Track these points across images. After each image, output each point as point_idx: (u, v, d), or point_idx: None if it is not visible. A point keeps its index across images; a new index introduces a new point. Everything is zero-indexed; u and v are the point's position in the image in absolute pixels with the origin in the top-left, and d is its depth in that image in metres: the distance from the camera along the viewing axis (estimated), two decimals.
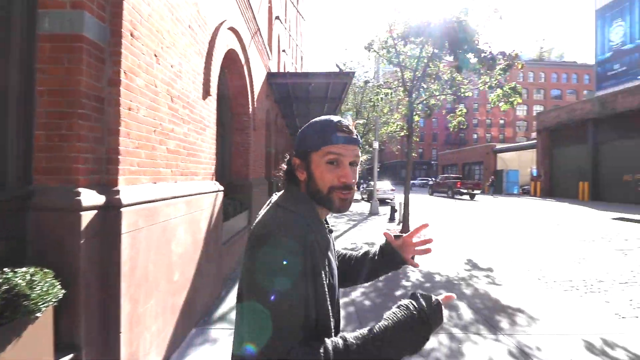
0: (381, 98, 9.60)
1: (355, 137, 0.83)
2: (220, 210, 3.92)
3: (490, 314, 3.59)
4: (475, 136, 61.09)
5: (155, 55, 2.38)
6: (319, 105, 12.06)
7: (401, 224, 9.68)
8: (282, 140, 17.32)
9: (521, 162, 29.04)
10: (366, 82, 10.41)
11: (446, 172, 40.50)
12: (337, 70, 8.05)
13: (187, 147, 3.06)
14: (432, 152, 61.13)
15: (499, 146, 31.10)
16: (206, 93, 3.55)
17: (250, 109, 5.93)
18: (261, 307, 0.67)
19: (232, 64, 5.30)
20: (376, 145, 13.04)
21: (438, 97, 8.66)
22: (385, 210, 14.21)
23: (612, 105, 18.24)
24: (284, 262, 0.69)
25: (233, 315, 2.91)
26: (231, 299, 3.88)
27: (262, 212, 0.86)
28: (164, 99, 2.53)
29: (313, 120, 0.86)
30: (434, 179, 28.47)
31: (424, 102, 8.98)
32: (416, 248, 1.02)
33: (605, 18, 37.61)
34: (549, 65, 60.27)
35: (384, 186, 18.96)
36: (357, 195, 22.21)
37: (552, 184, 23.32)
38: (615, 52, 38.32)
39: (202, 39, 3.40)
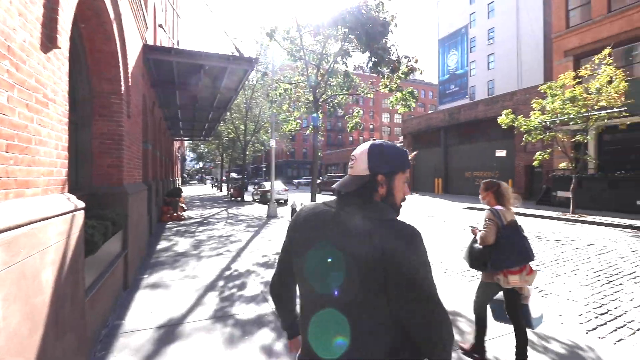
0: (280, 94, 8.86)
1: None
2: (80, 241, 2.40)
3: None
4: (351, 139, 67.50)
5: None
6: (206, 101, 10.34)
7: None
8: (165, 141, 14.54)
9: None
10: (264, 74, 9.45)
11: (330, 171, 43.03)
12: (236, 53, 6.84)
13: (6, 133, 1.59)
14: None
15: None
16: (49, 39, 2.03)
17: (123, 88, 4.23)
18: (433, 293, 0.91)
19: (95, 18, 3.58)
20: (273, 143, 12.23)
21: (341, 97, 8.51)
22: (283, 212, 13.57)
23: (457, 117, 22.63)
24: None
25: None
26: None
27: (348, 221, 0.97)
28: None
29: (388, 144, 1.05)
30: (321, 178, 29.60)
31: (327, 100, 8.71)
32: None
33: (445, 47, 47.04)
34: (404, 81, 71.75)
35: (276, 186, 18.27)
36: (247, 197, 20.83)
37: (415, 180, 27.51)
38: (452, 75, 48.32)
39: None
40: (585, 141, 11.53)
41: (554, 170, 15.73)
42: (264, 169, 66.39)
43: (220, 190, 29.06)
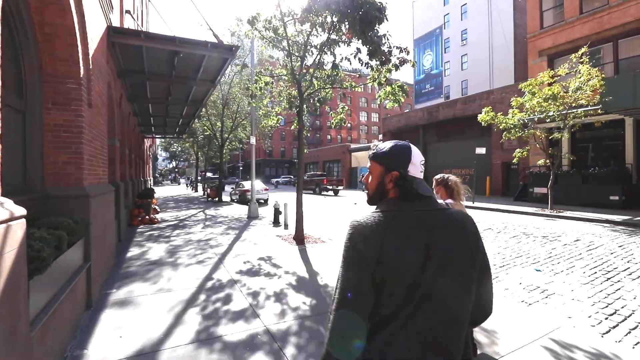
0: (260, 88, 8.31)
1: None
2: (19, 260, 1.83)
3: None
4: (329, 137, 67.35)
5: None
6: (181, 95, 9.58)
7: (289, 227, 8.71)
8: (135, 138, 13.49)
9: None
10: (244, 65, 8.82)
11: (308, 169, 42.56)
12: (215, 41, 6.22)
13: None
14: (292, 151, 63.62)
15: (353, 146, 34.73)
16: None
17: (82, 71, 3.58)
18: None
19: None
20: (253, 140, 11.62)
21: (326, 91, 8.08)
22: (264, 212, 12.99)
23: (436, 115, 22.86)
24: None
25: None
26: None
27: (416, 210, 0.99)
28: None
29: (395, 143, 1.11)
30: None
31: (312, 95, 8.26)
32: None
33: (420, 47, 47.82)
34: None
35: (256, 186, 17.61)
36: (225, 197, 19.99)
37: None
38: (427, 75, 49.23)
39: None
40: (562, 138, 11.79)
41: (530, 167, 16.14)
42: (241, 168, 65.01)
43: (196, 191, 27.86)
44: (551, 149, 12.55)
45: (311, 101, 7.84)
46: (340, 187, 23.86)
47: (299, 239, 7.23)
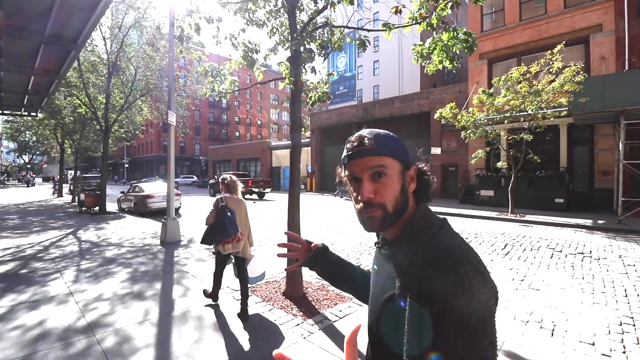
0: (197, 25, 4.51)
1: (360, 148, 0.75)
2: None
3: None
4: (237, 133, 61.53)
5: None
6: (18, 47, 4.91)
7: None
8: None
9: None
10: None
11: (217, 168, 36.93)
12: None
13: None
14: (195, 147, 55.53)
15: (274, 143, 31.18)
16: None
17: None
18: None
19: None
20: (173, 118, 7.27)
21: (341, 31, 4.73)
22: (186, 231, 8.49)
23: (372, 113, 21.46)
24: None
25: None
26: None
27: None
28: None
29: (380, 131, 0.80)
30: (215, 177, 24.09)
31: (319, 29, 4.82)
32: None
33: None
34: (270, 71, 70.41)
35: (158, 188, 12.45)
36: (111, 205, 13.94)
37: (323, 179, 25.38)
38: (341, 77, 49.33)
39: None
40: (529, 139, 11.22)
41: (476, 169, 15.86)
42: (127, 166, 53.39)
43: (60, 195, 19.86)
44: (512, 151, 11.96)
45: (315, 41, 4.35)
46: (267, 190, 20.17)
47: (296, 297, 3.77)
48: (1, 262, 5.34)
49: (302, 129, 5.17)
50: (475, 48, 4.32)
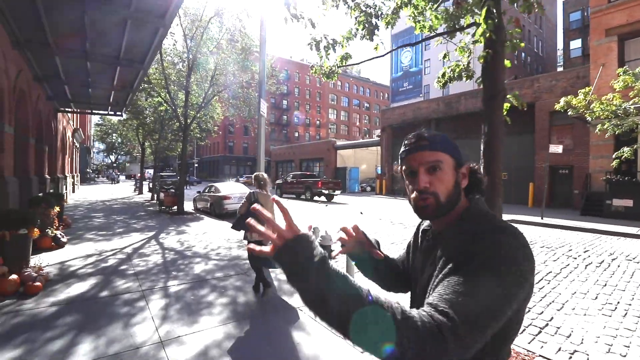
0: None
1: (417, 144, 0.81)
2: None
3: None
4: (296, 134, 61.82)
5: None
6: (107, 47, 4.05)
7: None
8: (35, 114, 7.04)
9: (356, 159, 28.81)
10: None
11: (280, 169, 36.85)
12: None
13: None
14: (256, 148, 56.90)
15: (339, 142, 29.87)
16: None
17: None
18: None
19: None
20: (264, 107, 6.10)
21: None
22: None
23: (457, 107, 18.87)
24: None
25: None
26: None
27: None
28: None
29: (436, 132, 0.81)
30: (282, 177, 23.50)
31: None
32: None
33: (398, 43, 44.67)
34: (352, 78, 68.89)
35: (231, 189, 11.80)
36: (187, 205, 13.68)
37: (394, 182, 23.28)
38: (405, 72, 46.34)
39: None
40: None
41: (606, 173, 12.60)
42: (196, 165, 56.74)
43: (140, 193, 20.79)
44: None
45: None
46: (337, 192, 18.81)
47: None
48: (82, 277, 4.52)
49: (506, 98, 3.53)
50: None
